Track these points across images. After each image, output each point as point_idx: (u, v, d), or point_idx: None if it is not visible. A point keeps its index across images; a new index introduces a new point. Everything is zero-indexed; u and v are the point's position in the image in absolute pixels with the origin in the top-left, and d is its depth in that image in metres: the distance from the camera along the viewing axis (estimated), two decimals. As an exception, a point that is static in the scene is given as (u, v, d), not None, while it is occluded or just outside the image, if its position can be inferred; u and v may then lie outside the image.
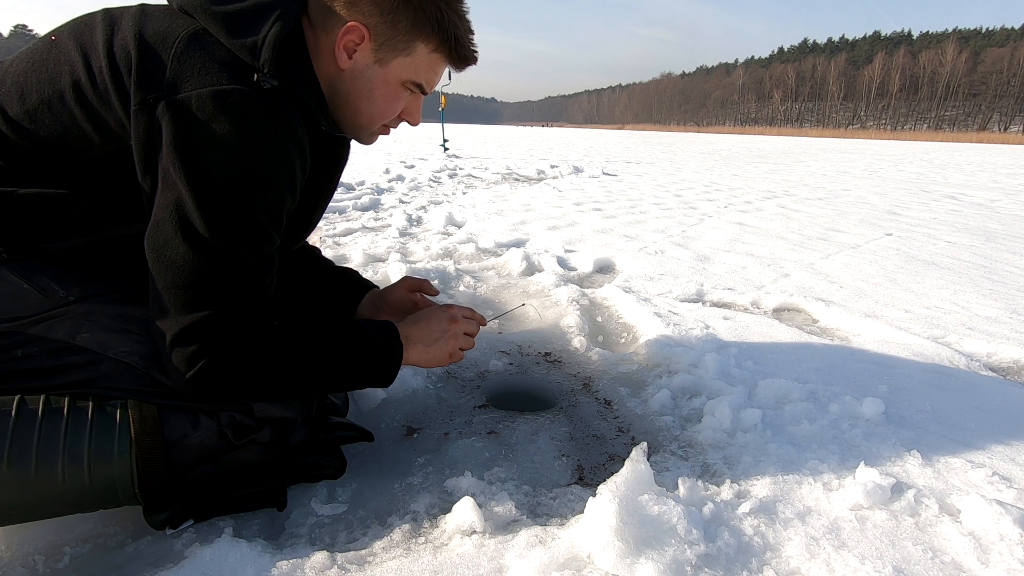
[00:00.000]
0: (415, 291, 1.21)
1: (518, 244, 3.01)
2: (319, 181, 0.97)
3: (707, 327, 1.79)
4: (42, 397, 0.75)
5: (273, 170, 0.76)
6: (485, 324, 1.12)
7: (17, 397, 0.74)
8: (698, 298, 2.18)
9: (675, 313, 1.93)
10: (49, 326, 0.77)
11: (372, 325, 0.95)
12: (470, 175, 6.90)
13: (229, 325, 0.77)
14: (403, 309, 1.18)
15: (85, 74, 0.74)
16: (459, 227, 3.51)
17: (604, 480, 0.84)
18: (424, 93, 0.93)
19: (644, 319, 1.85)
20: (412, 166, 7.77)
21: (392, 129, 0.98)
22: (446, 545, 0.84)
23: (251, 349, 0.80)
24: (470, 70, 0.96)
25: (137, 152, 0.74)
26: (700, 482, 1.00)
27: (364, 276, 1.28)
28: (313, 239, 1.98)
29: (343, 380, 0.91)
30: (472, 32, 0.90)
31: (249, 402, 0.85)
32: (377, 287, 1.26)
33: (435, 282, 2.14)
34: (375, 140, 0.97)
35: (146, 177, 0.75)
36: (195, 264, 0.74)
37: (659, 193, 5.64)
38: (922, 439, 1.18)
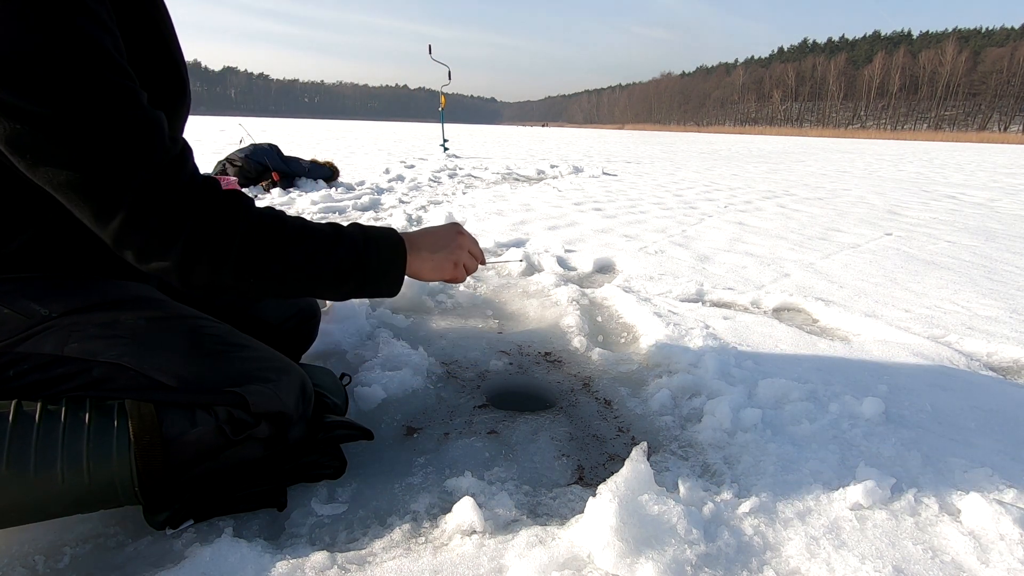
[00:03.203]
0: None
1: (518, 244, 3.01)
2: None
3: (707, 327, 1.79)
4: (40, 399, 0.76)
5: (58, 16, 0.62)
6: (484, 263, 1.07)
7: (15, 401, 0.75)
8: (698, 298, 2.18)
9: (675, 313, 1.93)
10: (36, 342, 0.77)
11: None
12: (470, 175, 6.90)
13: (170, 183, 0.69)
14: None
15: None
16: (459, 227, 3.51)
17: (604, 480, 0.84)
18: None
19: (644, 319, 1.85)
20: (412, 166, 7.77)
21: None
22: (446, 545, 0.84)
23: (218, 203, 0.72)
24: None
25: None
26: (700, 482, 1.00)
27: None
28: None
29: (346, 269, 0.82)
30: None
31: (248, 296, 0.78)
32: None
33: (434, 282, 2.14)
34: None
35: None
36: (79, 147, 0.64)
37: (659, 193, 5.64)
38: (922, 439, 1.18)
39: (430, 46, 9.88)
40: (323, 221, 0.84)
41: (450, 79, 10.05)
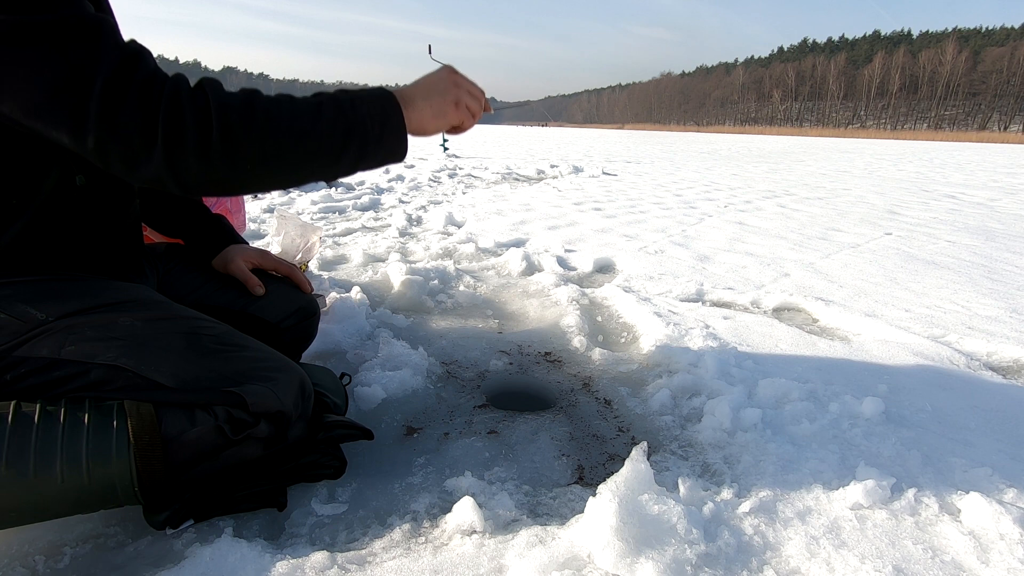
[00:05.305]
0: (255, 266, 1.17)
1: (518, 244, 3.01)
2: None
3: (707, 327, 1.79)
4: (38, 400, 0.76)
5: None
6: (490, 109, 0.96)
7: (13, 402, 0.75)
8: (698, 298, 2.18)
9: (675, 313, 1.93)
10: (32, 346, 0.77)
11: None
12: (470, 175, 6.90)
13: (131, 78, 0.66)
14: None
15: None
16: (459, 227, 3.51)
17: (604, 480, 0.84)
18: None
19: (644, 319, 1.85)
20: (412, 166, 7.77)
21: None
22: (446, 545, 0.84)
23: (187, 88, 0.68)
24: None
25: None
26: (700, 482, 1.00)
27: (363, 275, 1.27)
28: (312, 239, 1.98)
29: (340, 133, 0.75)
30: None
31: (250, 185, 0.73)
32: (246, 243, 1.23)
33: (434, 282, 2.14)
34: None
35: None
36: (36, 59, 0.63)
37: (659, 193, 5.64)
38: (922, 439, 1.18)
39: (430, 46, 9.85)
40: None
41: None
